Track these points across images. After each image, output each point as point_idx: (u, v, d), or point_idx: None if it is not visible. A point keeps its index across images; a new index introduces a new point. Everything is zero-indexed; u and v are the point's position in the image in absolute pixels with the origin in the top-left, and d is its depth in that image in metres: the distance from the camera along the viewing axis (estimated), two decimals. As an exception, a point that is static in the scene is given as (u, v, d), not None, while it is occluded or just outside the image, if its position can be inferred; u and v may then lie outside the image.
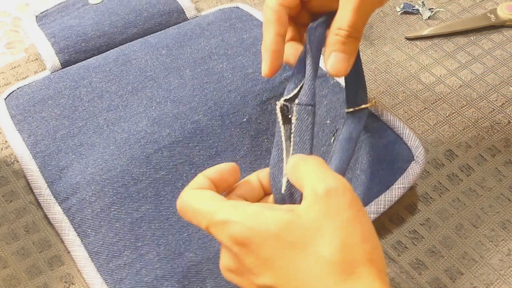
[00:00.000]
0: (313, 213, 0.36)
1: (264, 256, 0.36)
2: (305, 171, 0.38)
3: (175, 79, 0.61)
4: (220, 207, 0.38)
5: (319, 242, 0.35)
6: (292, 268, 0.35)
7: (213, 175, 0.41)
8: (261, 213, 0.37)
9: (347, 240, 0.35)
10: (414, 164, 0.54)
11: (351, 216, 0.36)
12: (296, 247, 0.35)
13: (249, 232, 0.36)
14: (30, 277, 0.50)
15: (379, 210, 0.52)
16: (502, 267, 0.52)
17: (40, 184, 0.54)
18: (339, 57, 0.43)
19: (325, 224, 0.35)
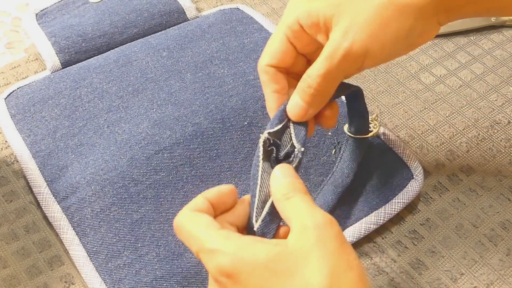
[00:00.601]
0: (301, 243, 0.37)
1: (252, 286, 0.36)
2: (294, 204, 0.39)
3: (176, 82, 0.61)
4: (211, 236, 0.38)
5: (307, 270, 0.36)
6: None
7: (212, 198, 0.42)
8: (251, 244, 0.37)
9: (334, 268, 0.36)
10: (414, 182, 0.55)
11: (337, 246, 0.37)
12: (284, 276, 0.36)
13: (237, 263, 0.37)
14: (30, 277, 0.50)
15: (378, 221, 0.53)
16: (502, 267, 0.52)
17: (40, 183, 0.54)
18: (298, 104, 0.43)
19: (313, 253, 0.36)
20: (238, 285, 0.37)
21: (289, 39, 0.44)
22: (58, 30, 0.64)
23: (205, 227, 0.39)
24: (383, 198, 0.54)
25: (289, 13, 0.44)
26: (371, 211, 0.53)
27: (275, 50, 0.45)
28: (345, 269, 0.36)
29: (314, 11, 0.42)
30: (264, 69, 0.45)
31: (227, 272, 0.37)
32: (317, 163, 0.55)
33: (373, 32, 0.41)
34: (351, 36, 0.41)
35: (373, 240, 0.53)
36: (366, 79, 0.65)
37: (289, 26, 0.44)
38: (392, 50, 0.43)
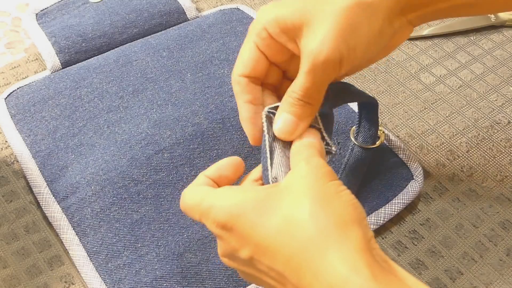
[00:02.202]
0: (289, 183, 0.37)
1: (244, 228, 0.37)
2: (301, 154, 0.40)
3: (176, 82, 0.61)
4: (206, 195, 0.40)
5: (291, 204, 0.36)
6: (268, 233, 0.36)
7: (212, 174, 0.42)
8: (242, 192, 0.39)
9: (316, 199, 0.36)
10: (414, 183, 0.55)
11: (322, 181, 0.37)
12: (271, 212, 0.36)
13: (229, 211, 0.38)
14: (30, 277, 0.50)
15: (378, 222, 0.53)
16: (502, 267, 0.52)
17: (40, 183, 0.54)
18: (288, 120, 0.42)
19: (297, 189, 0.37)
20: (233, 233, 0.38)
21: (258, 47, 0.44)
22: (58, 30, 0.64)
23: (200, 192, 0.40)
24: (383, 198, 0.54)
25: (257, 21, 0.44)
26: (371, 211, 0.53)
27: (246, 59, 0.44)
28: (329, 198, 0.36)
29: (281, 19, 0.42)
30: (237, 80, 0.45)
31: (222, 223, 0.38)
32: None
33: (345, 37, 0.41)
34: (326, 45, 0.41)
35: (373, 240, 0.53)
36: (366, 79, 0.65)
37: (257, 34, 0.44)
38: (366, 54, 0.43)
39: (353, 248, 0.34)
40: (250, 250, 0.37)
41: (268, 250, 0.36)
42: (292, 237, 0.35)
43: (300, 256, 0.35)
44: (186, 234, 0.51)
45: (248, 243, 0.37)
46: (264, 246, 0.36)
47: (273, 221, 0.36)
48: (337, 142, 0.57)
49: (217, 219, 0.38)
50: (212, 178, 0.42)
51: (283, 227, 0.36)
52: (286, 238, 0.35)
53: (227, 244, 0.39)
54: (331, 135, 0.44)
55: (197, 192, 0.41)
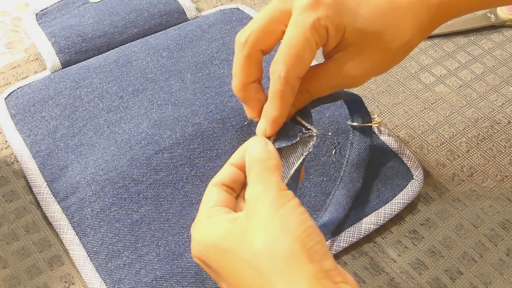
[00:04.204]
0: (242, 219, 0.37)
1: (215, 267, 0.38)
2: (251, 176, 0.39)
3: (176, 82, 0.61)
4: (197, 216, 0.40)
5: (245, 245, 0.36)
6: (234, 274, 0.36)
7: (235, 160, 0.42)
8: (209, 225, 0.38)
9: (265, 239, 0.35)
10: (414, 182, 0.55)
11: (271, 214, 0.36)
12: (231, 254, 0.36)
13: (199, 248, 0.38)
14: (30, 277, 0.50)
15: (378, 222, 0.53)
16: (502, 267, 0.52)
17: (40, 183, 0.54)
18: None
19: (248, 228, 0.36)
20: (208, 268, 0.39)
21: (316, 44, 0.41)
22: (58, 30, 0.64)
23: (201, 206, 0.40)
24: (383, 198, 0.54)
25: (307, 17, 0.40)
26: (371, 211, 0.53)
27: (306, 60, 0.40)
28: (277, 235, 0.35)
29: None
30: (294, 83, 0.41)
31: (197, 257, 0.39)
32: (317, 163, 0.55)
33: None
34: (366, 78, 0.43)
35: (373, 240, 0.53)
36: (366, 79, 0.65)
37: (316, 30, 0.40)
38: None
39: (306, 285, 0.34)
40: (225, 285, 0.38)
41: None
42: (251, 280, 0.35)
43: None
44: (186, 234, 0.51)
45: (222, 280, 0.38)
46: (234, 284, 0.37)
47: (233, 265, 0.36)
48: (337, 142, 0.57)
49: (193, 253, 0.39)
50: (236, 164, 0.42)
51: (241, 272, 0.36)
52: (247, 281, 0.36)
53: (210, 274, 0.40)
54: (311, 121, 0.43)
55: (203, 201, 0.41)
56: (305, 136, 0.42)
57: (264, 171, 0.39)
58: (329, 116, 0.58)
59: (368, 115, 0.54)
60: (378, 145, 0.57)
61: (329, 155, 0.56)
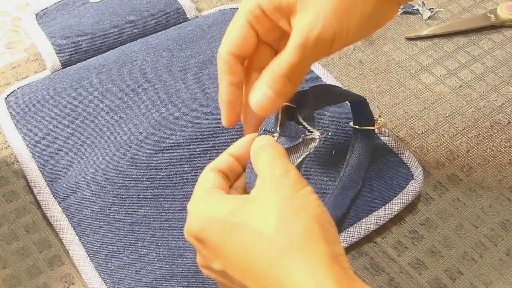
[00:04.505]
0: (257, 195, 0.37)
1: (214, 242, 0.37)
2: (261, 160, 0.39)
3: (176, 82, 0.61)
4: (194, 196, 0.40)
5: (259, 219, 0.36)
6: (238, 249, 0.36)
7: (235, 150, 0.43)
8: (215, 202, 0.38)
9: (283, 212, 0.36)
10: (414, 183, 0.55)
11: (290, 193, 0.36)
12: (240, 228, 0.36)
13: (201, 224, 0.38)
14: (30, 277, 0.50)
15: (378, 222, 0.53)
16: (502, 267, 0.52)
17: (40, 183, 0.54)
18: (266, 95, 0.41)
19: (265, 202, 0.36)
20: (206, 245, 0.38)
21: (250, 24, 0.43)
22: (58, 30, 0.64)
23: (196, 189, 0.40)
24: (383, 198, 0.54)
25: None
26: (371, 211, 0.53)
27: (236, 36, 0.44)
28: (296, 212, 0.36)
29: None
30: (225, 58, 0.44)
31: (193, 233, 0.38)
32: (317, 163, 0.55)
33: (339, 17, 0.41)
34: (321, 22, 0.40)
35: (373, 240, 0.53)
36: (366, 79, 0.65)
37: (251, 11, 0.43)
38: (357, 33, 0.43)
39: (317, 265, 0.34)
40: (222, 263, 0.37)
41: (239, 266, 0.36)
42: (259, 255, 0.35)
43: (267, 276, 0.35)
44: (186, 234, 0.51)
45: (220, 257, 0.37)
46: (235, 262, 0.36)
47: (241, 238, 0.36)
48: (337, 142, 0.57)
49: (190, 229, 0.39)
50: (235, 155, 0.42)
51: (250, 245, 0.36)
52: (253, 257, 0.35)
53: (202, 255, 0.40)
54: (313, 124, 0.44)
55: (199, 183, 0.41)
56: (308, 138, 0.42)
57: (279, 155, 0.39)
58: (329, 116, 0.58)
59: (371, 118, 0.54)
60: (378, 145, 0.57)
61: (329, 155, 0.56)
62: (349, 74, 0.65)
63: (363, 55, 0.67)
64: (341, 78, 0.65)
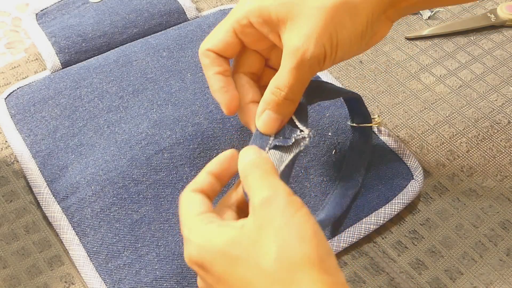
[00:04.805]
0: (251, 225, 0.36)
1: (217, 273, 0.37)
2: (251, 181, 0.39)
3: (176, 82, 0.61)
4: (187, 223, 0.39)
5: (258, 253, 0.35)
6: (240, 282, 0.36)
7: (214, 169, 0.42)
8: (213, 231, 0.37)
9: (282, 245, 0.35)
10: (414, 182, 0.55)
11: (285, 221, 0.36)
12: (240, 261, 0.36)
13: (201, 252, 0.37)
14: (30, 277, 0.50)
15: (378, 222, 0.53)
16: (502, 267, 0.52)
17: (40, 183, 0.54)
18: (272, 117, 0.42)
19: (262, 235, 0.35)
20: (206, 273, 0.38)
21: (236, 33, 0.44)
22: (58, 30, 0.64)
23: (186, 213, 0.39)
24: (383, 198, 0.54)
25: (239, 7, 0.44)
26: (371, 211, 0.53)
27: (219, 40, 0.44)
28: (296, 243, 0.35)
29: (266, 10, 0.42)
30: (205, 53, 0.45)
31: (195, 261, 0.38)
32: (317, 163, 0.55)
33: (329, 34, 0.41)
34: (313, 41, 0.41)
35: (373, 240, 0.53)
36: (366, 79, 0.65)
37: (238, 21, 0.43)
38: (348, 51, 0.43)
39: None
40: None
41: None
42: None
43: None
44: (186, 234, 0.51)
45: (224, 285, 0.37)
46: None
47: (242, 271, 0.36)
48: (337, 142, 0.57)
49: (191, 256, 0.38)
50: (215, 173, 0.42)
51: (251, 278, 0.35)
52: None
53: (205, 281, 0.39)
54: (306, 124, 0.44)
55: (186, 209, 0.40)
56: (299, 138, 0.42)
57: (266, 174, 0.38)
58: (329, 116, 0.58)
59: (368, 115, 0.54)
60: (378, 145, 0.57)
61: (329, 155, 0.56)
62: (349, 74, 0.65)
63: (363, 55, 0.67)
64: (341, 78, 0.65)
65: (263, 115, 0.43)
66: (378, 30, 0.45)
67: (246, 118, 0.46)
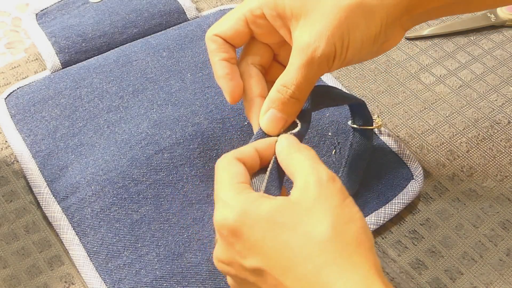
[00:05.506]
0: (304, 197, 0.37)
1: (254, 239, 0.37)
2: (298, 160, 0.39)
3: (176, 82, 0.61)
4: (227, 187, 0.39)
5: (310, 222, 0.36)
6: (282, 248, 0.36)
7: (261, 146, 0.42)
8: (257, 199, 0.38)
9: (336, 220, 0.36)
10: (414, 182, 0.55)
11: (340, 200, 0.37)
12: (287, 228, 0.36)
13: (241, 217, 0.37)
14: (30, 277, 0.50)
15: (378, 222, 0.53)
16: (502, 267, 0.52)
17: (40, 183, 0.54)
18: (277, 117, 0.42)
19: (315, 206, 0.36)
20: (242, 240, 0.37)
21: (247, 22, 0.44)
22: (58, 30, 0.64)
23: (228, 178, 0.39)
24: (383, 198, 0.54)
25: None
26: (371, 211, 0.53)
27: (228, 26, 0.44)
28: (347, 221, 0.36)
29: (281, 3, 0.42)
30: (212, 38, 0.44)
31: (230, 225, 0.37)
32: None
33: (341, 34, 0.41)
34: (324, 40, 0.40)
35: (373, 240, 0.53)
36: (366, 79, 0.65)
37: (251, 10, 0.43)
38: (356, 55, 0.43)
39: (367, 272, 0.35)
40: (259, 260, 0.37)
41: (279, 264, 0.36)
42: (307, 257, 0.35)
43: (313, 278, 0.35)
44: (186, 234, 0.51)
45: (258, 253, 0.37)
46: (276, 260, 0.36)
47: (287, 238, 0.36)
48: (337, 142, 0.57)
49: (228, 221, 0.37)
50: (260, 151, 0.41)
51: (297, 246, 0.35)
52: (301, 257, 0.35)
53: (230, 249, 0.38)
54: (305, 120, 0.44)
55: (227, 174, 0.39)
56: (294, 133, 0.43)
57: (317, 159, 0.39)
58: (329, 116, 0.58)
59: (370, 118, 0.54)
60: (378, 145, 0.57)
61: (329, 155, 0.56)
62: (349, 74, 0.65)
63: (363, 55, 0.67)
64: (341, 78, 0.65)
65: (267, 114, 0.42)
66: (390, 36, 0.44)
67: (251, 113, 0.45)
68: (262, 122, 0.43)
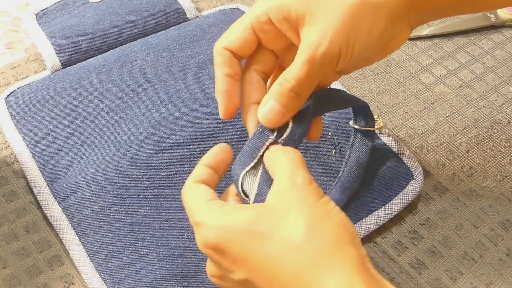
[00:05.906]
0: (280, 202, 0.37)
1: (236, 252, 0.37)
2: (280, 163, 0.39)
3: (176, 82, 0.61)
4: (198, 208, 0.39)
5: (286, 227, 0.36)
6: (263, 257, 0.36)
7: (210, 161, 0.42)
8: (231, 212, 0.38)
9: (311, 220, 0.36)
10: (414, 183, 0.55)
11: (313, 202, 0.37)
12: (265, 236, 0.36)
13: (219, 233, 0.37)
14: (30, 277, 0.50)
15: (378, 222, 0.53)
16: (502, 267, 0.52)
17: (40, 183, 0.54)
18: (275, 109, 0.42)
19: (290, 211, 0.36)
20: (225, 256, 0.38)
21: (254, 29, 0.44)
22: (58, 30, 0.64)
23: (196, 201, 0.40)
24: (383, 198, 0.54)
25: (259, 3, 0.43)
26: (371, 211, 0.53)
27: (236, 37, 0.44)
28: (323, 219, 0.36)
29: (286, 6, 0.42)
30: (220, 51, 0.44)
31: (211, 244, 0.38)
32: (317, 163, 0.55)
33: (346, 33, 0.41)
34: (328, 38, 0.40)
35: (373, 240, 0.53)
36: (366, 79, 0.65)
37: (257, 17, 0.43)
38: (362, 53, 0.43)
39: (349, 270, 0.34)
40: (245, 272, 0.37)
41: (265, 274, 0.36)
42: (288, 263, 0.35)
43: (297, 283, 0.35)
44: (186, 234, 0.51)
45: (243, 266, 0.37)
46: (260, 270, 0.36)
47: (266, 246, 0.36)
48: (337, 142, 0.57)
49: (208, 240, 0.38)
50: (211, 166, 0.42)
51: (277, 253, 0.35)
52: (282, 264, 0.35)
53: (218, 266, 0.39)
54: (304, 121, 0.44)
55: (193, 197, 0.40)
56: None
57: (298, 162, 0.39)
58: (329, 116, 0.58)
59: (372, 120, 0.54)
60: (378, 145, 0.57)
61: (329, 155, 0.56)
62: (349, 74, 0.65)
63: (363, 55, 0.67)
64: (341, 78, 0.65)
65: (266, 105, 0.42)
66: (397, 34, 0.44)
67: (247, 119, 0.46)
68: (260, 113, 0.42)
